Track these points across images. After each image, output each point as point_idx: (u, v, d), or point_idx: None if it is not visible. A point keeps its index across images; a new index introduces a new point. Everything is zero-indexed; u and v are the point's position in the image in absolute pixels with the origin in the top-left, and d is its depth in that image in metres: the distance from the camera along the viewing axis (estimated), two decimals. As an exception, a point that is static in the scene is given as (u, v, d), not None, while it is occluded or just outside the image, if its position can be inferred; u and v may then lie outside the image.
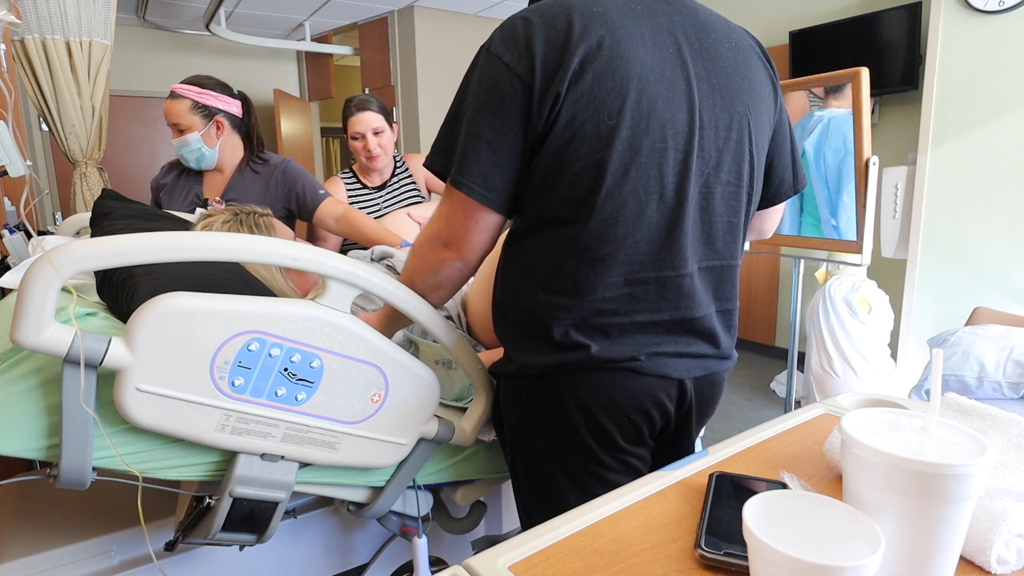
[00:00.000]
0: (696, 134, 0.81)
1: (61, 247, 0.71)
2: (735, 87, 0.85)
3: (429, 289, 0.94)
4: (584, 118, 0.77)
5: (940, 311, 2.64)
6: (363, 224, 1.81)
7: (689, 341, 0.88)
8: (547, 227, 0.84)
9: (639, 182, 0.79)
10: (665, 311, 0.85)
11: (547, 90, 0.76)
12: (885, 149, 3.21)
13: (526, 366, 0.89)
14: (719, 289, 0.91)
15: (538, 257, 0.86)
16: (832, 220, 2.09)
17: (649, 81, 0.78)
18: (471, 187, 0.81)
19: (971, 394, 1.55)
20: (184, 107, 1.75)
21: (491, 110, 0.79)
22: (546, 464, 0.92)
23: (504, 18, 0.86)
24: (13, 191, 2.07)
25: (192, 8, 4.67)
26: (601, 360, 0.84)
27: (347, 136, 2.10)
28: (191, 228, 1.29)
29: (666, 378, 0.87)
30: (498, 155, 0.80)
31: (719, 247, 0.89)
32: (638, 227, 0.81)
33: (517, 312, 0.90)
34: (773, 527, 0.39)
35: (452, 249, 0.88)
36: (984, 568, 0.49)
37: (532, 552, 0.53)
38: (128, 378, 0.77)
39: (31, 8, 2.40)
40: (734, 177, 0.87)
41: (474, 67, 0.84)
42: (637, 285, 0.83)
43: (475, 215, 0.85)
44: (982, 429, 0.66)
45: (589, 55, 0.76)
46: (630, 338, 0.85)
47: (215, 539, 0.93)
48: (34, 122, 4.30)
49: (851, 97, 1.93)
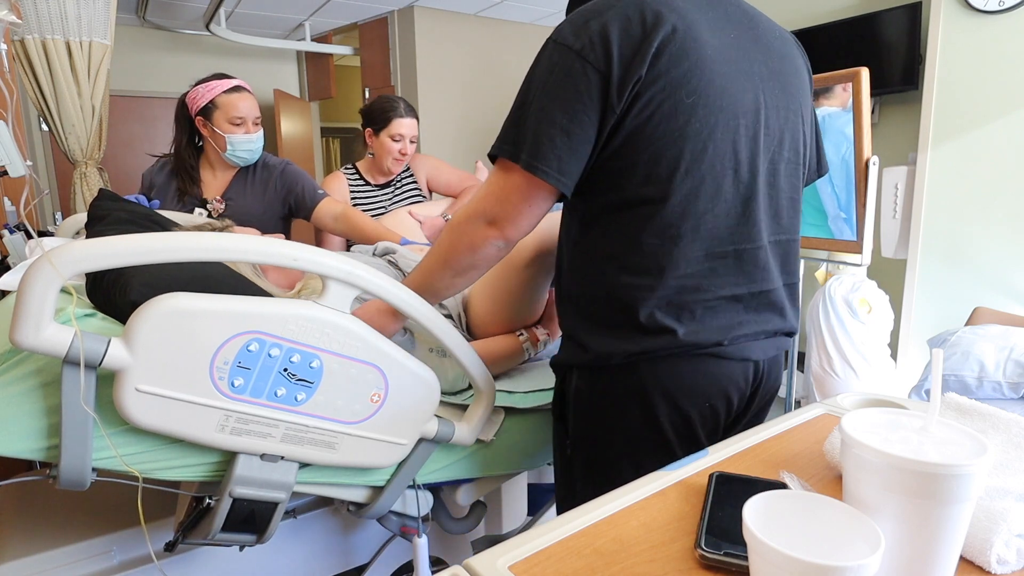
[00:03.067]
0: (762, 113, 0.86)
1: (60, 248, 0.71)
2: (787, 72, 0.92)
3: (463, 268, 0.93)
4: (662, 98, 0.79)
5: (940, 311, 2.64)
6: (362, 222, 1.80)
7: (766, 317, 0.91)
8: (625, 208, 0.85)
9: (716, 158, 0.82)
10: (744, 284, 0.88)
11: (626, 74, 0.78)
12: (885, 149, 3.21)
13: (607, 355, 0.88)
14: (785, 263, 0.94)
15: (617, 240, 0.87)
16: (842, 214, 2.08)
17: (719, 62, 0.82)
18: (546, 172, 0.81)
19: (971, 394, 1.55)
20: (256, 103, 1.79)
21: (564, 97, 0.80)
22: (615, 457, 0.92)
23: (504, 19, 0.87)
24: (13, 191, 2.06)
25: (192, 8, 4.66)
26: (687, 345, 0.85)
27: (380, 131, 2.08)
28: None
29: (746, 360, 0.90)
30: (572, 140, 0.81)
31: (784, 222, 0.93)
32: (716, 202, 0.84)
33: (596, 300, 0.90)
34: (773, 527, 0.39)
35: (496, 228, 0.88)
36: (984, 568, 0.49)
37: (532, 552, 0.53)
38: (128, 378, 0.77)
39: (31, 8, 2.40)
40: (793, 155, 0.93)
41: (540, 59, 0.84)
42: (717, 259, 0.86)
43: (534, 198, 0.85)
44: (982, 429, 0.66)
45: (665, 39, 0.78)
46: (714, 317, 0.86)
47: (215, 539, 0.93)
48: (34, 122, 4.29)
49: (842, 97, 1.93)
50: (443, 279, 0.95)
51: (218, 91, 1.76)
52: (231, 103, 1.75)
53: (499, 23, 4.97)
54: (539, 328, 1.31)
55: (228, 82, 1.79)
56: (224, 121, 1.76)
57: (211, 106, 1.76)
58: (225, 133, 1.76)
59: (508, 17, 4.92)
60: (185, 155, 1.83)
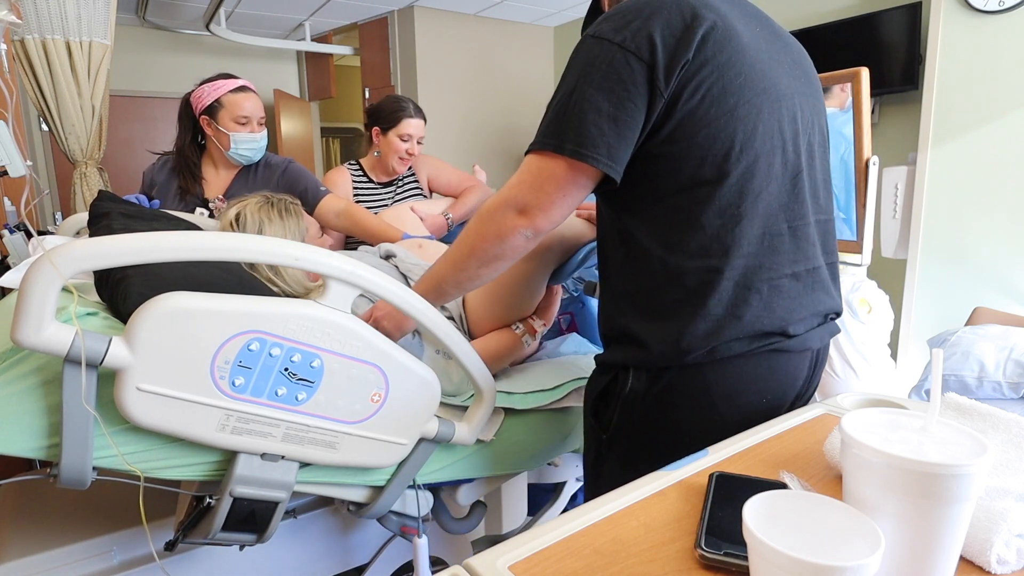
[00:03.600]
0: (797, 97, 0.89)
1: (61, 247, 0.71)
2: (805, 66, 0.96)
3: (490, 258, 0.92)
4: (712, 81, 0.81)
5: (940, 311, 2.64)
6: (364, 218, 1.81)
7: (819, 297, 0.92)
8: (682, 192, 0.85)
9: (766, 137, 0.84)
10: (800, 261, 0.89)
11: (672, 59, 0.79)
12: (885, 149, 3.21)
13: (673, 353, 0.86)
14: (825, 242, 0.95)
15: (678, 224, 0.86)
16: (841, 214, 2.08)
17: (757, 49, 0.85)
18: (596, 158, 0.81)
19: (971, 394, 1.55)
20: (261, 103, 1.82)
21: (608, 86, 0.80)
22: (657, 457, 0.89)
23: (504, 18, 0.87)
24: (13, 191, 2.06)
25: (192, 8, 4.66)
26: (754, 335, 0.85)
27: (389, 130, 2.09)
28: (219, 215, 1.30)
29: (806, 351, 0.91)
30: (620, 126, 0.81)
31: (822, 202, 0.95)
32: (769, 180, 0.85)
33: (659, 290, 0.87)
34: (773, 527, 0.39)
35: (526, 216, 0.87)
36: (984, 568, 0.49)
37: (532, 552, 0.53)
38: (128, 378, 0.77)
39: (31, 8, 2.40)
40: (822, 139, 0.97)
41: (578, 54, 0.84)
42: (775, 237, 0.87)
43: (573, 185, 0.84)
44: (982, 429, 0.66)
45: (708, 29, 0.81)
46: (779, 299, 0.87)
47: (215, 539, 0.94)
48: (34, 122, 4.29)
49: (840, 97, 1.93)
50: (468, 269, 0.94)
51: (224, 90, 1.78)
52: (237, 102, 1.77)
53: (499, 23, 4.97)
54: (534, 319, 1.30)
55: (234, 82, 1.81)
56: (229, 120, 1.77)
57: (216, 105, 1.77)
58: (230, 132, 1.77)
59: (508, 17, 4.92)
60: (188, 153, 1.84)
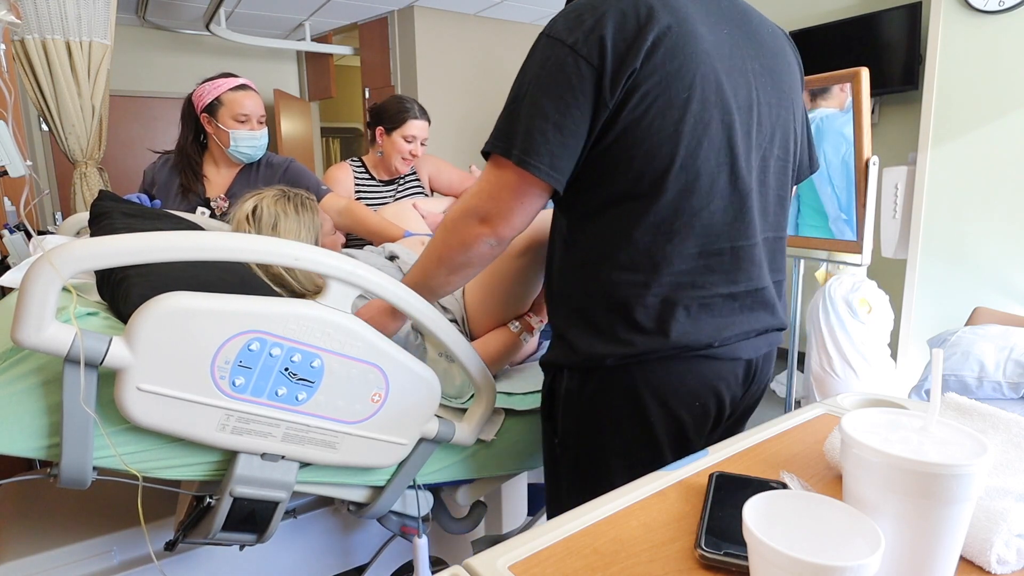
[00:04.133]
0: (755, 109, 0.86)
1: (61, 247, 0.71)
2: (779, 68, 0.91)
3: (457, 266, 0.93)
4: (657, 93, 0.78)
5: (940, 311, 2.64)
6: (365, 216, 1.81)
7: (758, 316, 0.91)
8: (618, 204, 0.84)
9: (711, 154, 0.82)
10: (742, 282, 0.88)
11: (620, 68, 0.77)
12: (885, 149, 3.21)
13: (597, 356, 0.87)
14: (773, 260, 0.94)
15: (610, 237, 0.86)
16: (843, 215, 2.08)
17: (714, 57, 0.81)
18: (538, 167, 0.80)
19: (971, 394, 1.55)
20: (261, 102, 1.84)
21: (556, 92, 0.79)
22: (604, 458, 0.92)
23: (504, 18, 0.87)
24: (13, 191, 2.07)
25: (192, 8, 4.66)
26: (678, 348, 0.85)
27: (393, 131, 2.10)
28: (235, 209, 1.30)
29: (737, 359, 0.89)
30: (565, 135, 0.80)
31: (772, 219, 0.93)
32: (712, 198, 0.83)
33: (590, 298, 0.89)
34: (773, 527, 0.39)
35: (488, 225, 0.87)
36: (984, 568, 0.49)
37: (532, 552, 0.53)
38: (129, 378, 0.77)
39: (31, 8, 2.40)
40: (783, 152, 0.92)
41: (533, 53, 0.84)
42: (713, 256, 0.85)
43: (526, 195, 0.84)
44: (982, 429, 0.66)
45: (661, 33, 0.78)
46: (708, 316, 0.86)
47: (215, 539, 0.94)
48: (34, 122, 4.29)
49: (839, 98, 1.94)
50: (438, 276, 0.95)
51: (224, 88, 1.80)
52: (236, 100, 1.79)
53: (499, 23, 4.97)
54: (531, 315, 1.31)
55: (234, 80, 1.83)
56: (229, 117, 1.79)
57: (216, 103, 1.79)
58: (229, 129, 1.79)
59: (508, 17, 4.92)
60: (190, 151, 1.86)
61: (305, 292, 1.24)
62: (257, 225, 1.27)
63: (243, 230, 1.26)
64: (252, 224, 1.27)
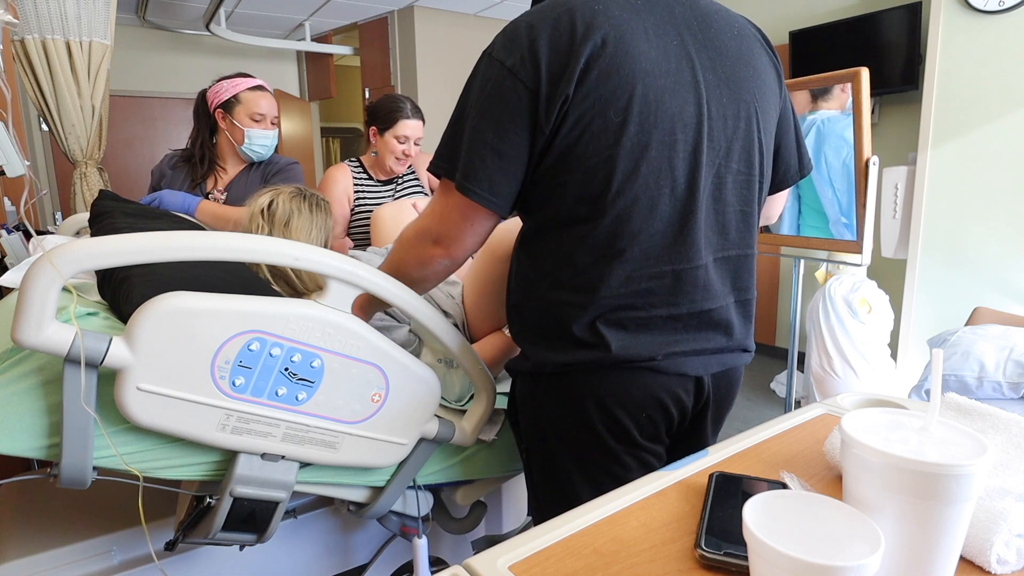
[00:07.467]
0: (705, 125, 0.82)
1: (61, 247, 0.71)
2: (740, 76, 0.86)
3: (414, 281, 0.95)
4: (591, 116, 0.77)
5: (940, 311, 2.64)
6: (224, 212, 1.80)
7: (707, 336, 0.89)
8: (560, 227, 0.85)
9: (650, 177, 0.80)
10: (683, 304, 0.86)
11: (554, 93, 0.77)
12: (885, 149, 3.21)
13: (542, 363, 0.89)
14: (736, 279, 0.91)
15: (552, 257, 0.86)
16: (843, 219, 2.08)
17: (655, 75, 0.78)
18: (477, 192, 0.81)
19: (971, 394, 1.55)
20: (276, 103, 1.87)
21: (495, 116, 0.79)
22: (562, 461, 0.93)
23: (504, 18, 0.86)
24: (12, 191, 2.07)
25: (192, 8, 4.66)
26: (620, 360, 0.84)
27: (385, 131, 2.10)
28: (251, 202, 1.31)
29: (683, 375, 0.88)
30: (504, 160, 0.80)
31: (733, 237, 0.90)
32: (651, 222, 0.81)
33: (533, 312, 0.91)
34: (773, 527, 0.39)
35: (441, 247, 0.89)
36: (984, 568, 0.49)
37: (532, 552, 0.53)
38: (129, 377, 0.77)
39: (31, 8, 2.40)
40: (744, 166, 0.88)
41: (476, 72, 0.84)
42: (653, 279, 0.84)
43: (474, 218, 0.85)
44: (982, 429, 0.66)
45: (594, 54, 0.76)
46: (648, 334, 0.85)
47: (215, 539, 0.94)
48: (34, 122, 4.30)
49: (840, 99, 1.94)
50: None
51: (242, 87, 1.84)
52: (254, 99, 1.83)
53: (499, 23, 4.97)
54: None
55: (252, 80, 1.88)
56: (245, 116, 1.83)
57: (233, 100, 1.83)
58: (244, 127, 1.83)
59: (508, 17, 4.91)
60: (208, 147, 1.91)
61: (305, 291, 1.24)
62: (271, 220, 1.28)
63: (256, 223, 1.28)
64: (266, 218, 1.28)
